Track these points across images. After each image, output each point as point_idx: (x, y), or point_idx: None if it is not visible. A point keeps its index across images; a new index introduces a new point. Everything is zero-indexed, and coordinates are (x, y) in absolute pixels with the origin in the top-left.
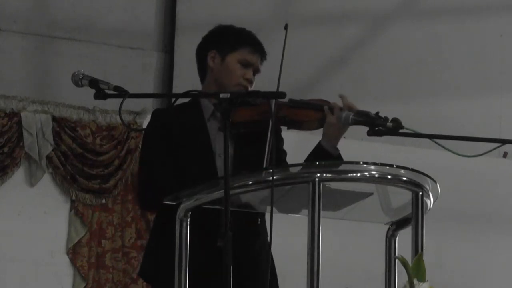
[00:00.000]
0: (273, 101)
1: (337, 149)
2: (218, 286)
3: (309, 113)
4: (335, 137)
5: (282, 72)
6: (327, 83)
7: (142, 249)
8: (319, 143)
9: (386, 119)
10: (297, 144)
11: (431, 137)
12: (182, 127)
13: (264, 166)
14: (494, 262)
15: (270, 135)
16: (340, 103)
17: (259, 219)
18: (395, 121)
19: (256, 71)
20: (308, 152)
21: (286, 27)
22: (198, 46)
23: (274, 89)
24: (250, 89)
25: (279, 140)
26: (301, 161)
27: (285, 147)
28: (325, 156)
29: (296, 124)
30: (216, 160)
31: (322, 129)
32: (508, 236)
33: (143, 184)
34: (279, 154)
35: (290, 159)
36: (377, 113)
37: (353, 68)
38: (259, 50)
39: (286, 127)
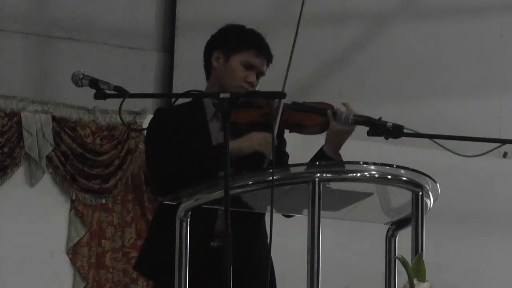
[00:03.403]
0: (281, 104)
1: (339, 155)
2: (218, 286)
3: (311, 117)
4: (338, 143)
5: (281, 71)
6: (327, 83)
7: None
8: (321, 148)
9: (388, 123)
10: (299, 146)
11: (431, 137)
12: (184, 127)
13: (264, 166)
14: (494, 262)
15: (272, 136)
16: (342, 108)
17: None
18: (397, 127)
19: (260, 74)
20: (310, 153)
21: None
22: (206, 44)
23: (276, 90)
24: None
25: (281, 142)
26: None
27: (287, 149)
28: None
29: (298, 128)
30: None
31: (324, 133)
32: (508, 236)
33: (157, 169)
34: (281, 156)
35: (292, 161)
36: (380, 118)
37: (353, 68)
38: (265, 53)
39: (288, 130)
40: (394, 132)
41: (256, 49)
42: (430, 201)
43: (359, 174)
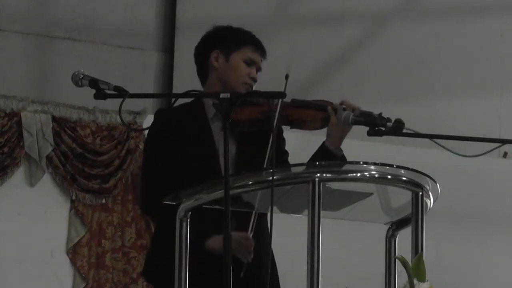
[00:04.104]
0: (279, 101)
1: (340, 149)
2: (218, 286)
3: (312, 112)
4: (339, 138)
5: (281, 71)
6: (327, 83)
7: (142, 249)
8: (323, 143)
9: (388, 119)
10: (300, 144)
11: (431, 137)
12: (185, 128)
13: (265, 166)
14: (494, 262)
15: (272, 135)
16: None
17: (260, 220)
18: (398, 122)
19: (258, 69)
20: (310, 152)
21: (286, 77)
22: (197, 47)
23: (275, 89)
24: (254, 86)
25: (281, 141)
26: (304, 161)
27: (287, 147)
28: (329, 157)
29: (299, 123)
30: (219, 160)
31: (324, 129)
32: (508, 236)
33: (144, 190)
34: (281, 154)
35: (292, 159)
36: (380, 114)
37: (353, 68)
38: (261, 49)
39: (289, 127)
40: (394, 128)
41: (254, 45)
42: (430, 201)
43: (359, 174)
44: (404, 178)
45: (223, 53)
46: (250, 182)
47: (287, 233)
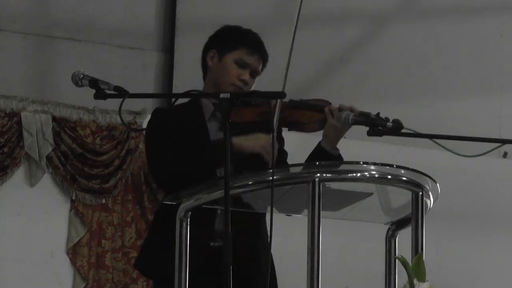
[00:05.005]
0: (278, 102)
1: (337, 149)
2: (218, 286)
3: (310, 114)
4: (336, 138)
5: (281, 71)
6: (327, 83)
7: None
8: (319, 144)
9: (387, 119)
10: (299, 145)
11: (431, 137)
12: (182, 127)
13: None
14: (494, 262)
15: (272, 135)
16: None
17: (259, 220)
18: (396, 122)
19: (254, 73)
20: (309, 153)
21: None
22: (204, 45)
23: (276, 90)
24: (246, 90)
25: (280, 140)
26: (302, 161)
27: (286, 147)
28: (325, 157)
29: (298, 126)
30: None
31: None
32: (508, 236)
33: (157, 159)
34: (280, 154)
35: (292, 160)
36: (378, 114)
37: (353, 68)
38: (259, 52)
39: (287, 128)
40: (394, 128)
41: (250, 47)
42: (430, 201)
43: (359, 174)
44: (404, 178)
45: (218, 53)
46: (250, 182)
47: (287, 233)
